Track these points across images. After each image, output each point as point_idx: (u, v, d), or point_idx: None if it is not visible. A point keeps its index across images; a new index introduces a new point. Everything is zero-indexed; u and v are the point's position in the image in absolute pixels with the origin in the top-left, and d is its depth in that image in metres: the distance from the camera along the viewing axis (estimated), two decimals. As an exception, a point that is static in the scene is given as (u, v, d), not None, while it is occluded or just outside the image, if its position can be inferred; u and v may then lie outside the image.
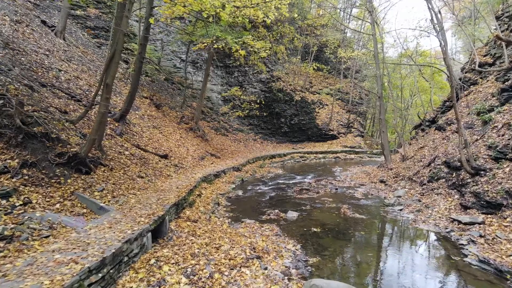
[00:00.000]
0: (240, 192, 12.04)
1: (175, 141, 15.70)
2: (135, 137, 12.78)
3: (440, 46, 8.83)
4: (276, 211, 9.29)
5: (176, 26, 17.70)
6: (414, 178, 11.71)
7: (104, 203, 6.98)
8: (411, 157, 13.88)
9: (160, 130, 15.67)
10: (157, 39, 23.21)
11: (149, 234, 5.63)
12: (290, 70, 29.54)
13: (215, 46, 9.25)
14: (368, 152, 25.01)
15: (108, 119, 11.79)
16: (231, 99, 24.67)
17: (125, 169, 9.32)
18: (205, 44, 9.07)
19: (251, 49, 9.03)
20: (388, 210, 9.43)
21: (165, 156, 12.86)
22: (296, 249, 6.45)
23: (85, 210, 6.74)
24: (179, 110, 19.77)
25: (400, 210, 9.33)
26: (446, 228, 7.53)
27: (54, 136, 7.58)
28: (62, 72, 12.03)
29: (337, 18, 30.13)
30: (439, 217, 8.20)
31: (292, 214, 8.97)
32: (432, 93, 18.92)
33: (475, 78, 14.38)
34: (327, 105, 30.50)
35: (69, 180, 7.16)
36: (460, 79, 15.11)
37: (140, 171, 9.83)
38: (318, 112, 29.30)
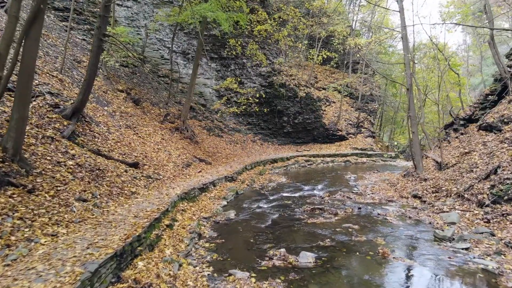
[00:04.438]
0: (232, 214, 9.01)
1: (154, 145, 12.67)
2: (96, 139, 9.75)
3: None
4: (282, 250, 6.26)
5: None
6: (466, 196, 8.67)
7: (-20, 260, 3.96)
8: (452, 165, 10.85)
9: (135, 130, 12.65)
10: (141, 25, 20.15)
11: None
12: (293, 62, 26.47)
13: None
14: (385, 155, 21.97)
15: (54, 115, 8.79)
16: (226, 94, 21.60)
17: (59, 188, 6.30)
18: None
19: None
20: (447, 250, 6.39)
21: (135, 165, 9.84)
22: None
23: None
24: (163, 107, 16.75)
25: (466, 249, 6.30)
26: None
27: None
28: (-6, 53, 9.01)
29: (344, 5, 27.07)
30: (543, 269, 5.18)
31: (307, 259, 5.94)
32: (466, 87, 15.91)
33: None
34: (334, 102, 27.46)
35: None
36: (510, 67, 12.08)
37: (85, 190, 6.80)
38: (325, 110, 26.23)
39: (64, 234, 5.05)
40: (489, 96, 13.03)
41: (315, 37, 27.65)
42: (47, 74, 10.72)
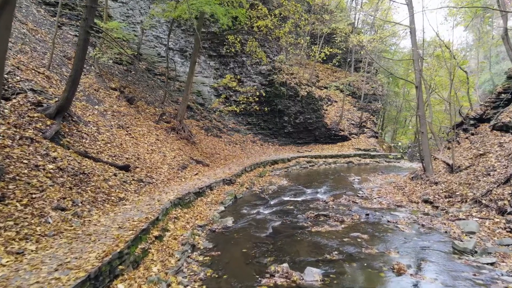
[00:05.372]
0: (230, 221, 8.31)
1: (148, 146, 11.98)
2: (83, 140, 9.07)
3: None
4: (285, 266, 5.57)
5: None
6: (484, 201, 7.98)
7: None
8: (465, 168, 10.15)
9: (128, 130, 11.96)
10: (137, 22, 19.45)
11: None
12: (294, 60, 25.76)
13: None
14: (389, 156, 21.26)
15: (36, 114, 8.10)
16: (225, 92, 20.88)
17: (34, 196, 5.61)
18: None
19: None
20: (470, 264, 5.69)
21: (125, 168, 9.15)
22: None
23: None
24: (159, 106, 16.06)
25: (492, 264, 5.61)
26: None
27: None
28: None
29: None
30: None
31: (312, 276, 5.25)
32: (476, 85, 15.20)
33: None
34: (336, 101, 26.76)
35: None
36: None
37: (65, 197, 6.11)
38: (327, 110, 25.53)
39: (32, 251, 4.35)
40: (502, 95, 12.35)
41: (316, 35, 26.98)
42: (33, 71, 10.04)
